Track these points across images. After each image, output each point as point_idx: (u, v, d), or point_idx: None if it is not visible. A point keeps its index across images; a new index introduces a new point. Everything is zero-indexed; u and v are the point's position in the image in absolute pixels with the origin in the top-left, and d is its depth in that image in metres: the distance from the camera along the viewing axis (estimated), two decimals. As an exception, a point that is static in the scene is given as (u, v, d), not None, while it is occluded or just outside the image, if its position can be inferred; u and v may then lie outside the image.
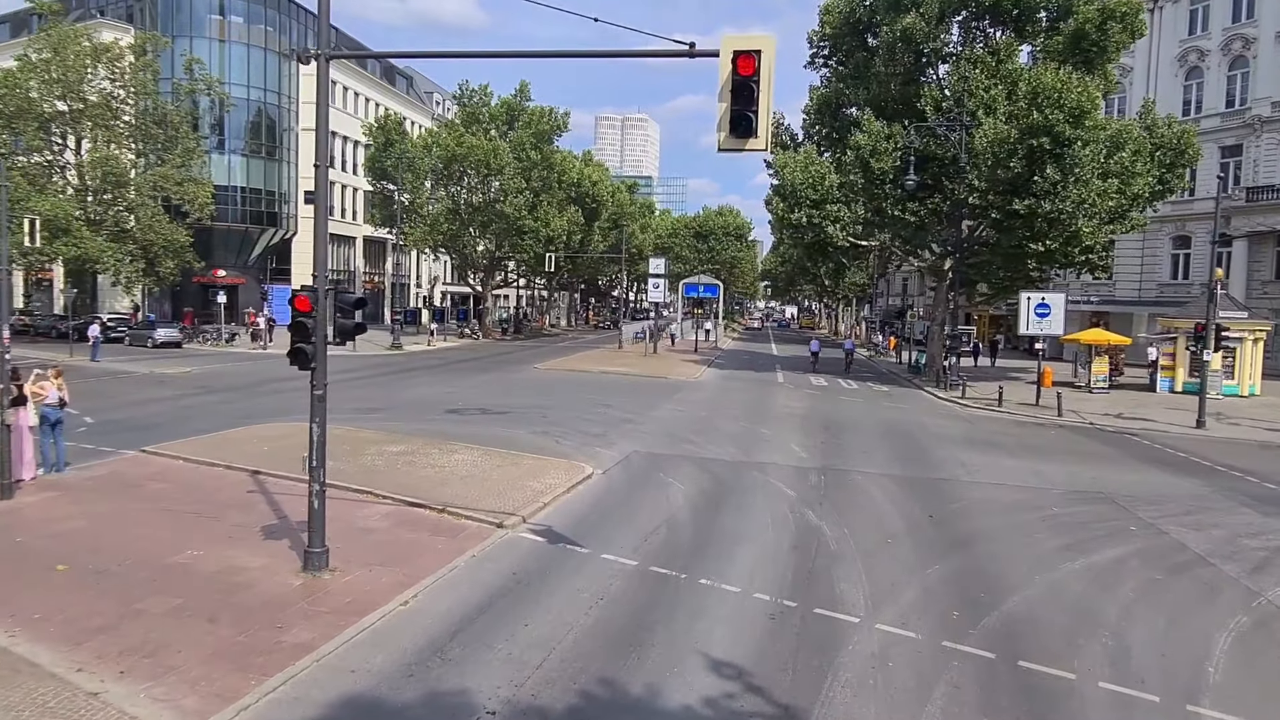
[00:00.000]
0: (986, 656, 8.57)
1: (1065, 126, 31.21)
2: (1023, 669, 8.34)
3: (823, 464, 18.26)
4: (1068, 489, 16.86)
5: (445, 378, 32.99)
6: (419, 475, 14.58)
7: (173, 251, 47.94)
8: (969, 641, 8.92)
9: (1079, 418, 28.06)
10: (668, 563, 10.99)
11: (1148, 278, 49.67)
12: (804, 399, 30.77)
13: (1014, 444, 22.27)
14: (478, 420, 22.03)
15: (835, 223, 37.09)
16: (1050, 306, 30.73)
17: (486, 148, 55.57)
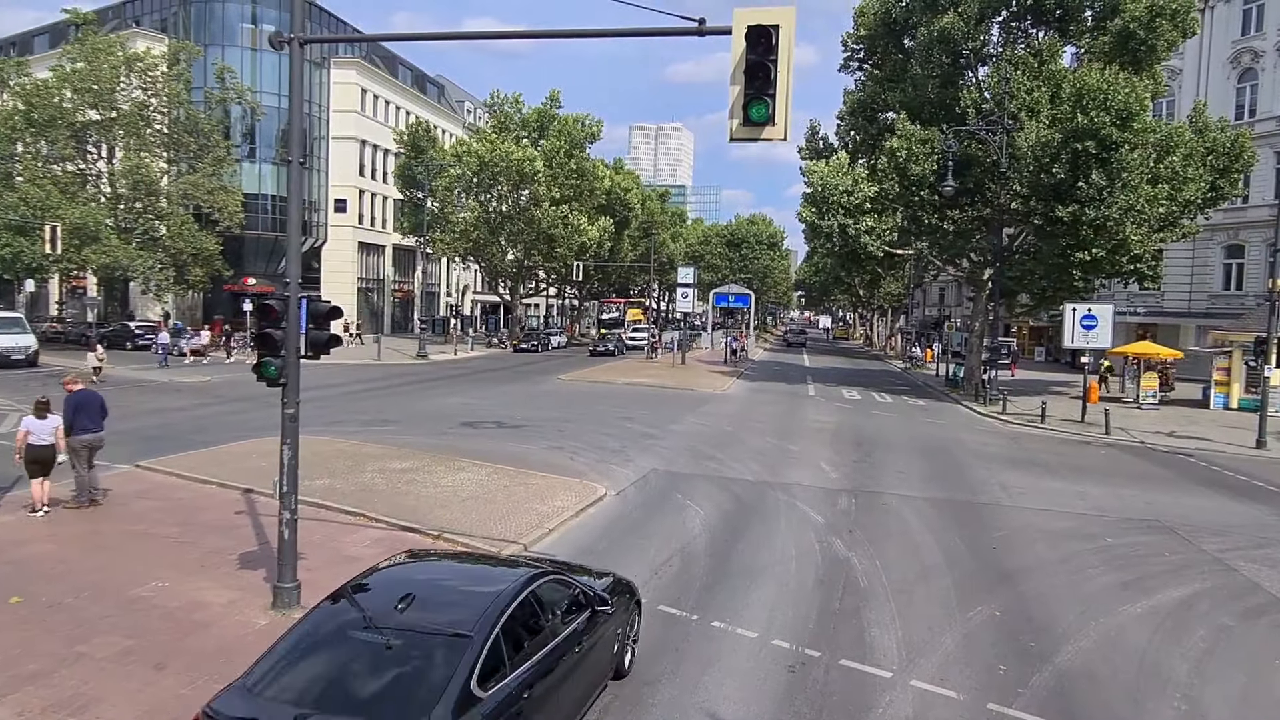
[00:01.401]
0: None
1: (1112, 129, 29.69)
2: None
3: (853, 485, 17.09)
4: (1120, 516, 15.54)
5: (466, 389, 32.23)
6: (419, 496, 13.69)
7: (202, 260, 47.96)
8: (1019, 704, 7.78)
9: (1128, 436, 26.54)
10: (678, 600, 9.95)
11: (1198, 288, 47.61)
12: (835, 413, 29.54)
13: (1059, 464, 20.89)
14: (492, 434, 21.15)
15: (869, 233, 35.91)
16: (1097, 318, 29.22)
17: (520, 155, 55.01)
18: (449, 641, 5.38)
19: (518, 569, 6.80)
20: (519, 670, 5.63)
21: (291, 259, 8.56)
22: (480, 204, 59.20)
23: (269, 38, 9.13)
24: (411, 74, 77.12)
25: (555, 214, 57.31)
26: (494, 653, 5.46)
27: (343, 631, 5.58)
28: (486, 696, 5.19)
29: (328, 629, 5.66)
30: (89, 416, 12.74)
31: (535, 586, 6.34)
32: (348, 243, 66.07)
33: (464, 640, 5.37)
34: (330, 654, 5.48)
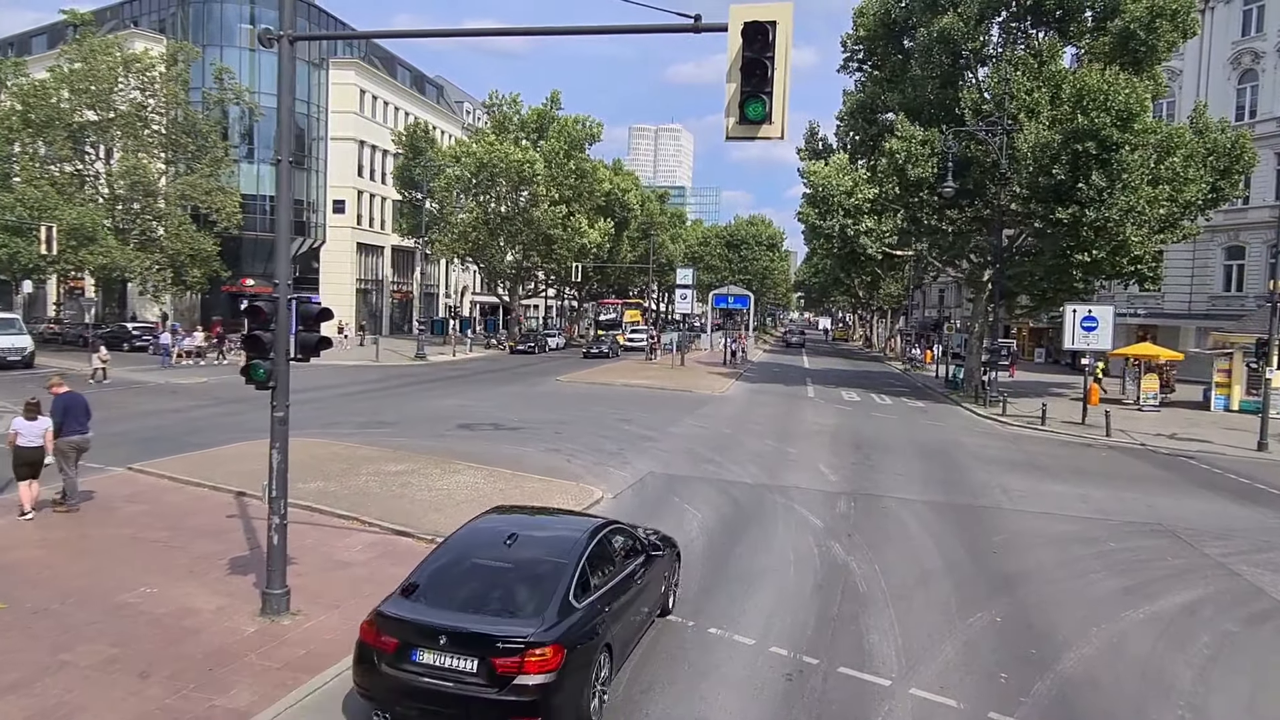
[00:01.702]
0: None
1: (1112, 130, 29.58)
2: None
3: (852, 488, 16.95)
4: (1122, 519, 15.40)
5: (463, 390, 32.08)
6: (414, 499, 13.54)
7: (199, 261, 47.82)
8: (1020, 713, 7.64)
9: (1129, 438, 26.40)
10: (675, 606, 9.80)
11: (1198, 290, 47.48)
12: (834, 415, 29.40)
13: (1060, 466, 20.75)
14: (488, 436, 21.00)
15: (869, 233, 35.74)
16: (1098, 320, 29.10)
17: (520, 157, 54.84)
18: (552, 566, 7.30)
19: (588, 519, 8.95)
20: (599, 591, 7.47)
21: (281, 260, 8.41)
22: (479, 205, 59.06)
23: (258, 35, 8.97)
24: (410, 75, 77.00)
25: (554, 215, 57.17)
26: (582, 576, 7.33)
27: (469, 559, 7.55)
28: (580, 606, 7.07)
29: (456, 558, 7.62)
30: (76, 418, 12.61)
31: (605, 532, 8.26)
32: (346, 244, 65.93)
33: (562, 565, 7.29)
34: (463, 574, 7.38)
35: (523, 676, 6.33)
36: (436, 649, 6.54)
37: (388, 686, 6.61)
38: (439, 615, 6.77)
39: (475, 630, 6.61)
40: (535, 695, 6.32)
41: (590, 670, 6.88)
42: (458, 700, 6.40)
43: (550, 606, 6.82)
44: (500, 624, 6.67)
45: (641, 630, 8.62)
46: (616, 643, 7.52)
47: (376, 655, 6.70)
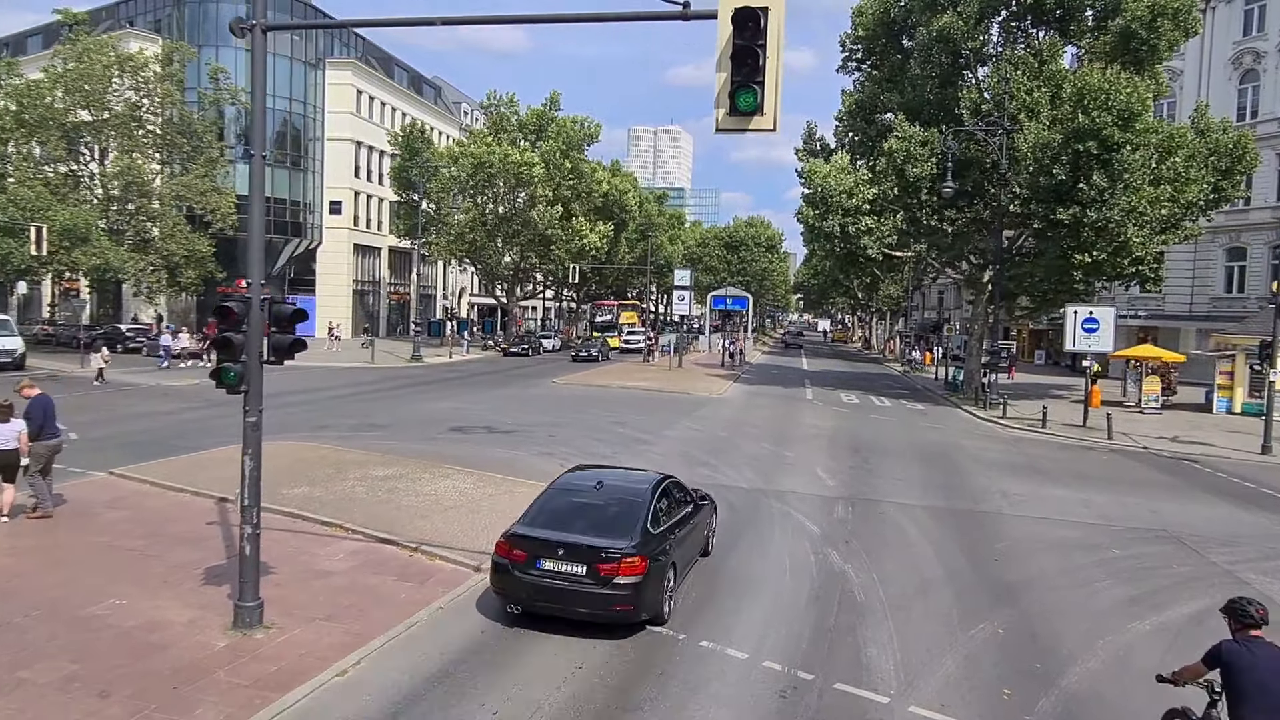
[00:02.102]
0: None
1: (1113, 130, 29.30)
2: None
3: (850, 493, 16.62)
4: (1125, 525, 15.07)
5: (458, 392, 31.74)
6: (400, 505, 13.20)
7: (194, 261, 47.48)
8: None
9: (1131, 441, 26.09)
10: (669, 615, 9.46)
11: (1199, 291, 47.19)
12: (833, 418, 29.07)
13: (1061, 470, 20.41)
14: (481, 440, 20.66)
15: (869, 234, 35.43)
16: (1099, 321, 28.74)
17: (518, 157, 54.50)
18: (633, 503, 9.71)
19: (653, 474, 11.18)
20: (665, 524, 9.80)
21: (253, 258, 8.06)
22: (476, 206, 58.72)
23: (230, 25, 8.64)
24: (408, 75, 76.69)
25: (552, 216, 56.83)
26: (655, 512, 9.65)
27: (569, 498, 9.98)
28: (655, 533, 9.39)
29: (560, 498, 10.02)
30: (53, 420, 12.29)
31: (666, 483, 10.61)
32: (343, 245, 65.57)
33: (640, 503, 9.69)
34: (568, 508, 9.70)
35: (620, 577, 8.68)
36: (556, 558, 8.87)
37: (519, 586, 8.95)
38: (556, 535, 9.08)
39: (585, 544, 8.89)
40: (629, 591, 8.70)
41: (664, 578, 9.27)
42: (573, 594, 8.76)
43: (636, 530, 9.20)
44: (602, 541, 8.94)
45: (692, 561, 11.05)
46: (679, 563, 9.94)
47: (510, 565, 9.00)
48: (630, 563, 8.72)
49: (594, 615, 8.81)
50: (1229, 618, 5.94)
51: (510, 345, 58.48)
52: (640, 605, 8.84)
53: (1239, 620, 5.83)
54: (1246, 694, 5.45)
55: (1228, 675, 5.66)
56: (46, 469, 12.25)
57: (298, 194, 63.05)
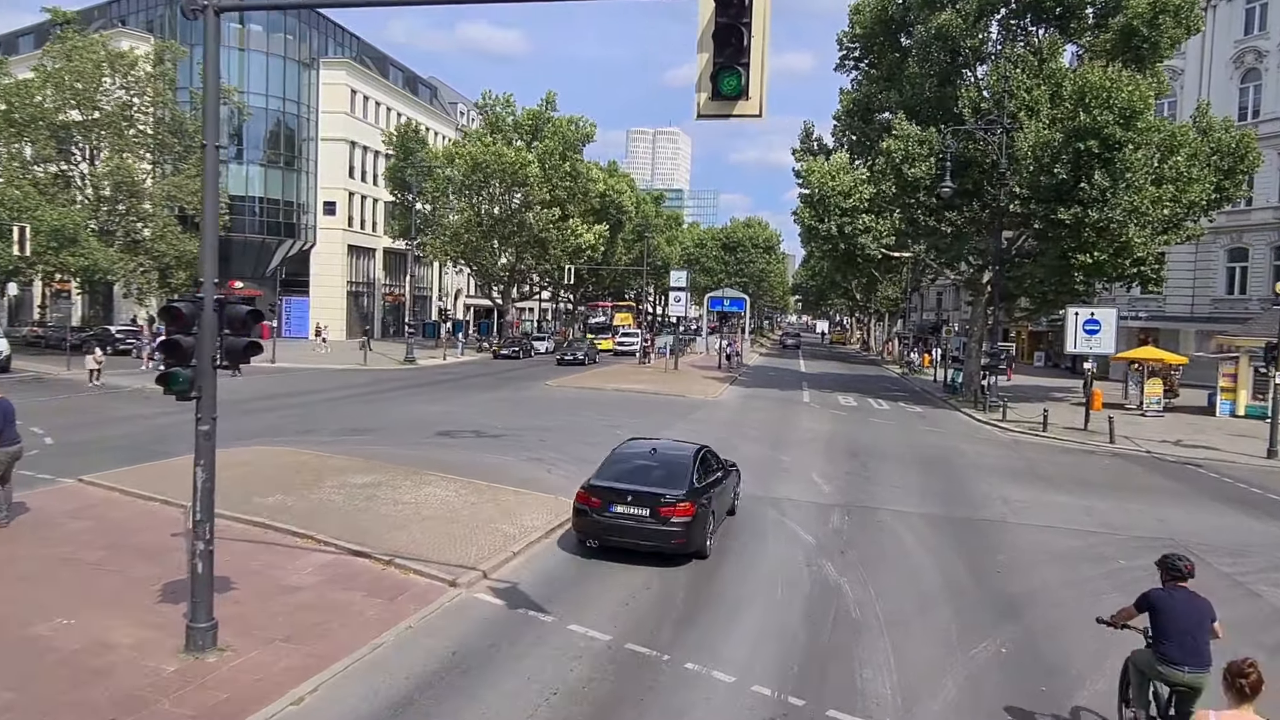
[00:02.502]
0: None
1: (1115, 128, 28.85)
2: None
3: (846, 500, 16.10)
4: (1131, 534, 14.55)
5: (450, 395, 31.23)
6: (377, 515, 12.67)
7: (185, 263, 46.91)
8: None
9: (1133, 444, 25.59)
10: (650, 637, 8.94)
11: (1200, 292, 46.73)
12: (830, 421, 28.57)
13: (1063, 476, 19.90)
14: (468, 444, 20.13)
15: (867, 233, 34.93)
16: (1100, 323, 28.27)
17: (514, 158, 53.99)
18: (681, 464, 12.01)
19: (693, 444, 13.60)
20: (705, 481, 12.01)
21: (206, 254, 7.53)
22: (472, 206, 58.21)
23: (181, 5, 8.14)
24: (403, 75, 76.21)
25: (548, 217, 56.31)
26: (696, 471, 11.88)
27: (631, 460, 12.36)
28: (699, 486, 11.57)
29: (622, 460, 12.43)
30: (12, 425, 11.77)
31: (704, 451, 12.99)
32: (337, 246, 65.02)
33: (686, 464, 11.99)
34: (630, 467, 12.04)
35: (675, 518, 11.10)
36: (625, 503, 11.28)
37: (597, 526, 11.47)
38: (625, 485, 11.54)
39: (648, 491, 11.34)
40: (682, 528, 11.13)
41: (706, 521, 11.65)
42: (638, 530, 11.21)
43: (685, 483, 11.58)
44: (660, 490, 11.35)
45: (723, 515, 13.25)
46: (716, 512, 12.33)
47: (589, 509, 11.47)
48: (683, 506, 11.22)
49: (656, 547, 11.26)
50: (1162, 570, 7.19)
51: (501, 348, 57.11)
52: (690, 540, 11.33)
53: (1170, 573, 7.11)
54: (1166, 630, 6.81)
55: (1154, 616, 6.94)
56: (5, 476, 11.73)
57: (291, 194, 62.51)
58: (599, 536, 11.52)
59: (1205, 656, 6.75)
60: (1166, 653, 6.74)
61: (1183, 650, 6.70)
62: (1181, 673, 6.70)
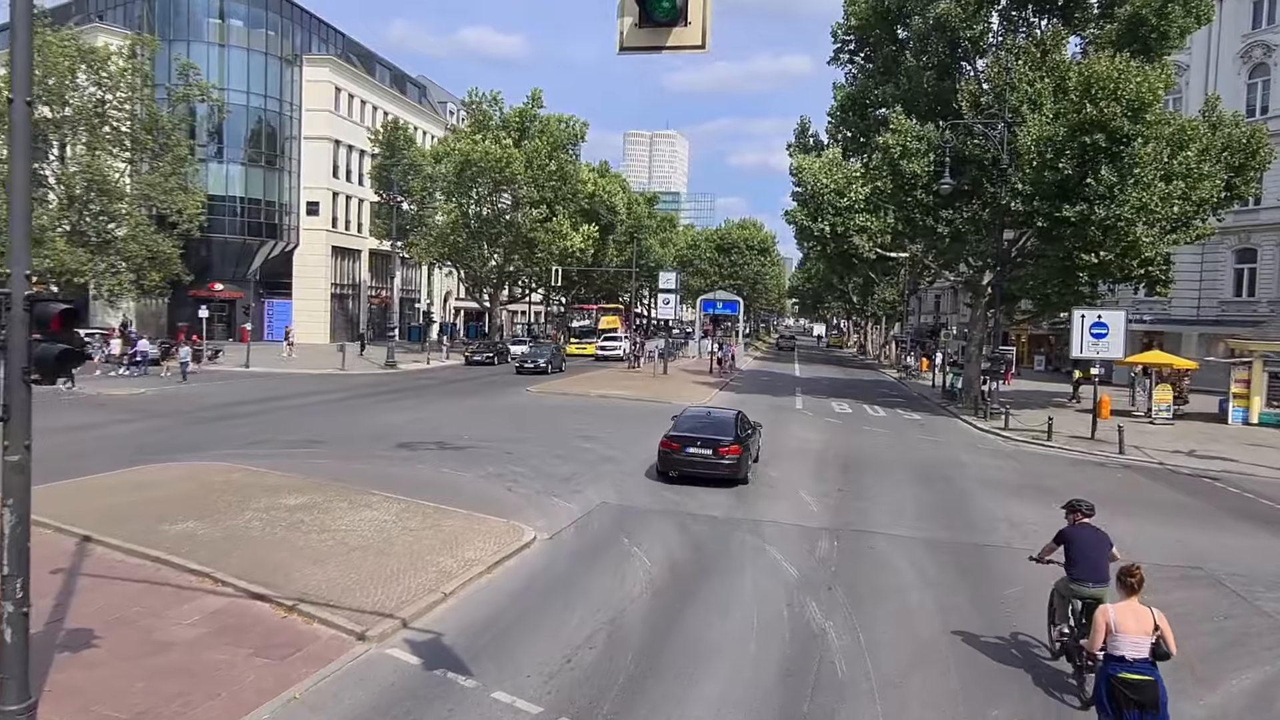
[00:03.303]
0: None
1: (1123, 121, 27.37)
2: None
3: (836, 522, 14.53)
4: (1153, 562, 12.91)
5: (424, 402, 29.66)
6: (296, 546, 11.09)
7: (159, 263, 45.37)
8: None
9: (1144, 455, 24.07)
10: (589, 709, 7.37)
11: (1207, 294, 45.26)
12: (823, 429, 27.01)
13: (1073, 492, 18.02)
14: (428, 458, 18.54)
15: (862, 232, 33.46)
16: (1108, 326, 26.74)
17: (500, 155, 52.51)
18: (728, 421, 17.82)
19: (731, 410, 20.31)
20: (744, 434, 17.64)
21: (16, 244, 5.93)
22: (459, 207, 56.70)
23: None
24: (390, 73, 74.70)
25: (536, 217, 54.78)
26: (738, 427, 17.56)
27: (695, 419, 18.21)
28: (741, 436, 17.24)
29: (690, 420, 18.09)
30: None
31: (740, 414, 18.74)
32: (321, 247, 63.44)
33: (732, 421, 17.79)
34: (695, 424, 17.79)
35: (728, 456, 16.28)
36: (695, 446, 16.52)
37: (676, 463, 16.61)
38: (695, 434, 16.92)
39: (710, 438, 16.65)
40: (733, 462, 16.34)
41: (746, 459, 16.94)
42: (704, 463, 16.35)
43: (732, 433, 16.90)
44: (717, 438, 16.63)
45: (753, 457, 18.26)
46: (751, 454, 17.63)
47: (670, 451, 16.66)
48: (734, 448, 16.49)
49: (716, 476, 16.48)
50: (1069, 511, 9.01)
51: (473, 353, 52.00)
52: (738, 471, 16.58)
53: (1076, 512, 8.91)
54: (1075, 558, 8.45)
55: (1067, 548, 8.59)
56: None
57: (273, 194, 60.95)
58: (678, 469, 16.77)
59: (1104, 574, 8.23)
60: (1076, 575, 8.43)
61: (1088, 571, 8.38)
62: (1088, 588, 8.31)
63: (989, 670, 8.68)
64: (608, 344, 58.91)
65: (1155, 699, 6.44)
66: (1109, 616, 6.64)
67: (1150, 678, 6.51)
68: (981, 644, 9.37)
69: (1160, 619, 6.71)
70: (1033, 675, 8.61)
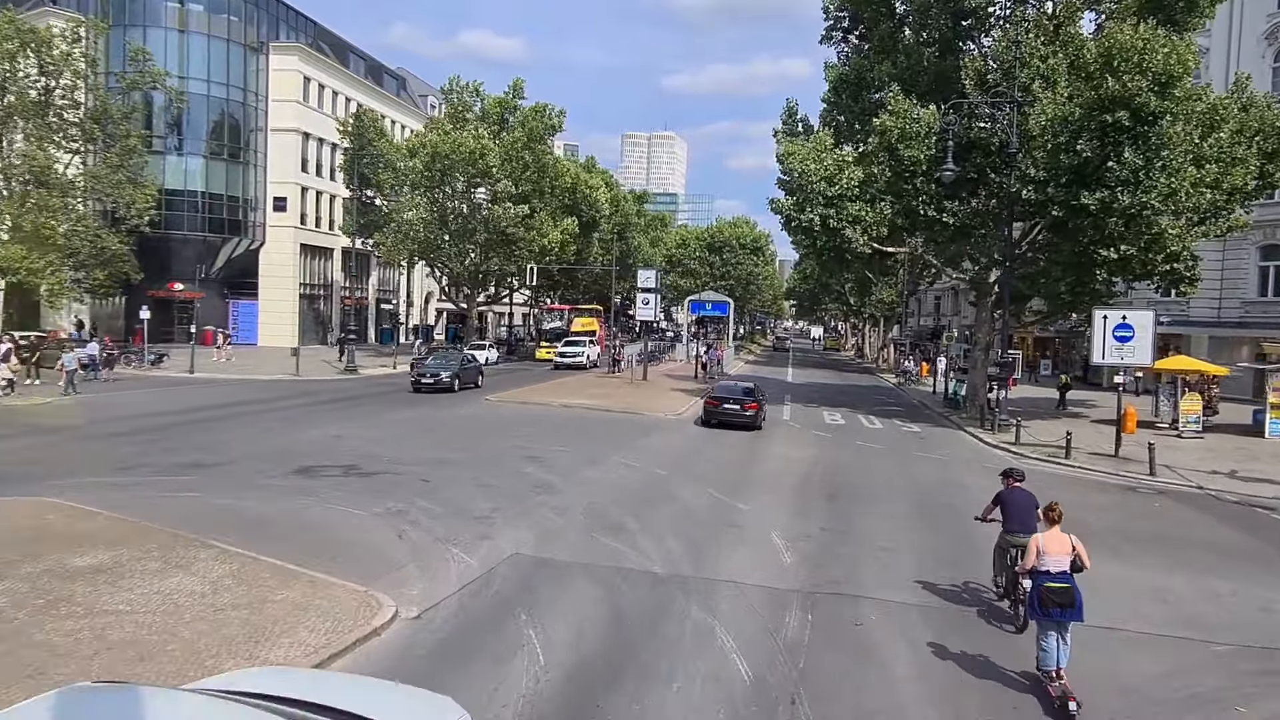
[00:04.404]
0: None
1: (1149, 96, 24.23)
2: None
3: (812, 581, 11.26)
4: (1236, 640, 9.77)
5: (364, 413, 26.41)
6: (33, 642, 7.80)
7: (105, 260, 42.18)
8: None
9: (1177, 476, 20.88)
10: None
11: (1229, 294, 42.05)
12: (811, 445, 23.76)
13: (1108, 529, 15.07)
14: (323, 489, 15.26)
15: (855, 224, 30.18)
16: (1133, 328, 23.47)
17: (473, 146, 49.35)
18: (751, 388, 28.47)
19: (750, 379, 35.48)
20: (760, 397, 28.01)
21: None
22: (433, 201, 53.48)
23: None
24: (365, 64, 71.37)
25: (516, 214, 51.53)
26: (756, 393, 27.90)
27: (729, 384, 30.34)
28: (759, 399, 27.62)
29: (723, 388, 28.93)
30: None
31: (756, 384, 30.23)
32: (288, 245, 60.12)
33: (754, 389, 28.30)
34: (728, 390, 28.24)
35: (750, 411, 26.29)
36: (729, 402, 26.51)
37: (714, 414, 26.42)
38: (728, 396, 26.99)
39: (740, 398, 26.74)
40: (754, 414, 26.29)
41: (761, 412, 27.20)
42: (735, 415, 26.15)
43: (754, 396, 27.13)
44: (743, 398, 26.64)
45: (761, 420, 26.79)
46: (766, 409, 28.29)
47: (710, 407, 26.73)
48: (754, 403, 26.34)
49: (743, 424, 25.70)
50: (1005, 478, 10.76)
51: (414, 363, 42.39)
52: (756, 420, 26.13)
53: (1010, 478, 10.67)
54: (1008, 515, 10.27)
55: (1003, 507, 10.38)
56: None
57: (236, 189, 57.65)
58: (717, 419, 26.04)
59: (1032, 527, 9.60)
60: (1010, 528, 10.15)
61: (1019, 525, 10.01)
62: (1020, 538, 9.68)
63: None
64: (568, 349, 51.17)
65: (1073, 600, 8.00)
66: (1039, 542, 8.31)
67: (1069, 585, 8.07)
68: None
69: (1076, 542, 8.31)
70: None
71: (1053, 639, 7.99)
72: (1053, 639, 7.99)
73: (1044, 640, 8.04)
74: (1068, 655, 7.99)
